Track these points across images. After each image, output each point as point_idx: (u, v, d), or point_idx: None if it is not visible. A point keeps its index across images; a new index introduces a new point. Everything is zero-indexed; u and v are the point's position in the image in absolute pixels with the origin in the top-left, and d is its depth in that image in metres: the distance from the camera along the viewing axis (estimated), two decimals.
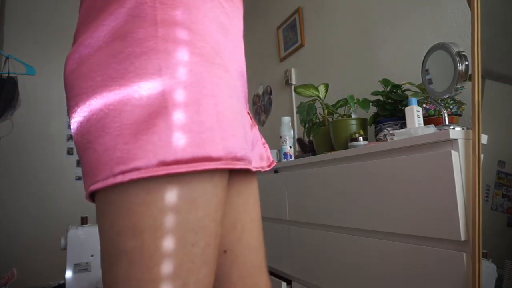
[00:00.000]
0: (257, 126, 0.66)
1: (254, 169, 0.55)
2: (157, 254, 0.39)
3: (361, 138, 1.42)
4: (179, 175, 0.39)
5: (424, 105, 1.31)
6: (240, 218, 0.60)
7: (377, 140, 1.41)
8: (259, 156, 0.61)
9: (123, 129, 0.38)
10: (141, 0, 0.43)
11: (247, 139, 0.50)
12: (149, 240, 0.39)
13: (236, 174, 0.59)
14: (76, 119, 0.42)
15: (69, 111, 0.44)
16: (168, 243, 0.39)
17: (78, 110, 0.42)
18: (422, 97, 1.34)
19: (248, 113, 0.62)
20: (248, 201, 0.61)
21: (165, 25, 0.42)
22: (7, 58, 1.77)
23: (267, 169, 0.63)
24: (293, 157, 1.80)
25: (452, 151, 0.95)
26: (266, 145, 0.68)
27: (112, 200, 0.40)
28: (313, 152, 1.84)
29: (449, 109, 1.25)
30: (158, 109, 0.39)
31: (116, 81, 0.40)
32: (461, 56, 1.05)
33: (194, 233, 0.41)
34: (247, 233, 0.60)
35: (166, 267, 0.39)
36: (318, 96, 1.75)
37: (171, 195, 0.39)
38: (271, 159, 0.67)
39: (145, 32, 0.41)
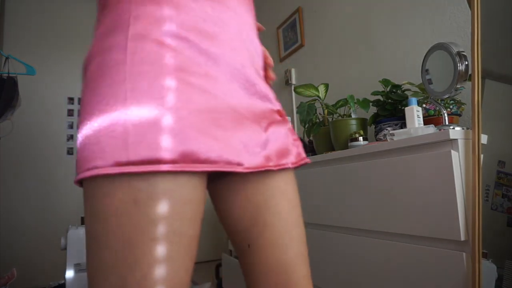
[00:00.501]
0: (286, 122, 0.65)
1: (246, 170, 0.53)
2: (120, 240, 0.43)
3: (361, 138, 1.42)
4: (136, 174, 0.44)
5: (424, 105, 1.31)
6: (262, 214, 0.60)
7: (377, 140, 1.41)
8: (278, 153, 0.61)
9: (93, 137, 0.46)
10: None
11: (235, 141, 0.52)
12: (113, 226, 0.44)
13: (252, 174, 0.60)
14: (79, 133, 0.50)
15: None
16: (128, 232, 0.43)
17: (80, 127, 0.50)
18: (422, 97, 1.34)
19: (277, 110, 0.63)
20: (272, 197, 0.61)
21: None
22: (7, 58, 1.77)
23: (290, 166, 0.63)
24: None
25: (452, 151, 0.95)
26: (298, 142, 0.67)
27: (86, 190, 0.47)
28: (313, 152, 1.84)
29: (449, 109, 1.25)
30: (118, 116, 0.45)
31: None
32: (461, 56, 1.05)
33: (154, 227, 0.44)
34: (269, 227, 0.60)
35: (127, 254, 0.43)
36: (318, 96, 1.75)
37: (130, 190, 0.44)
38: (302, 155, 0.67)
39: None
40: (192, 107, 0.47)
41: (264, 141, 0.58)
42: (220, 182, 0.63)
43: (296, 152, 0.65)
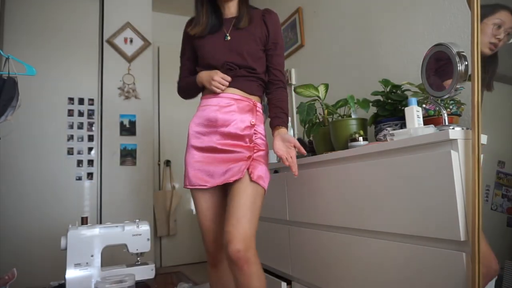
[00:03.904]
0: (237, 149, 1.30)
1: (207, 186, 1.31)
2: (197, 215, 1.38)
3: (361, 138, 1.42)
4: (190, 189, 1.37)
5: (424, 105, 1.31)
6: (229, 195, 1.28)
7: (377, 140, 1.41)
8: (232, 175, 1.27)
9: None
10: None
11: (205, 175, 1.31)
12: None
13: (229, 184, 1.28)
14: None
15: None
16: (196, 211, 1.39)
17: None
18: (422, 97, 1.34)
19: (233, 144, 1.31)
20: (232, 191, 1.27)
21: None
22: (7, 58, 1.77)
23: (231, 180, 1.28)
24: None
25: (452, 151, 0.95)
26: (237, 165, 1.28)
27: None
28: (313, 152, 1.84)
29: (448, 109, 1.25)
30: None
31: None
32: (461, 56, 1.05)
33: (195, 208, 1.38)
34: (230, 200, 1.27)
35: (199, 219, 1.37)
36: (318, 96, 1.75)
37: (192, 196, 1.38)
38: (236, 176, 1.25)
39: None
40: (188, 167, 1.35)
41: (217, 172, 1.29)
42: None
43: (231, 174, 1.27)
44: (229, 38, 1.35)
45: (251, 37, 1.34)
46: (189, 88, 1.43)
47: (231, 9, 1.40)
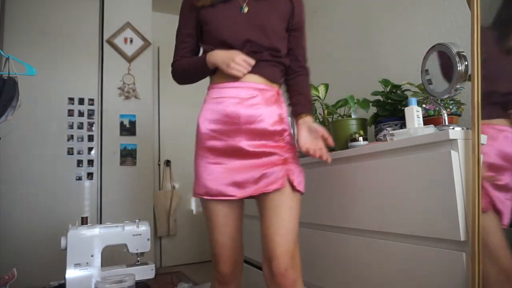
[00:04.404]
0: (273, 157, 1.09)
1: (229, 198, 1.09)
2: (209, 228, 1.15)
3: (361, 138, 1.42)
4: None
5: (424, 105, 1.31)
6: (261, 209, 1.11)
7: (377, 140, 1.41)
8: (257, 185, 1.07)
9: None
10: None
11: (231, 185, 1.07)
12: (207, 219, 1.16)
13: (264, 194, 1.08)
14: None
15: None
16: (209, 223, 1.15)
17: None
18: (422, 97, 1.34)
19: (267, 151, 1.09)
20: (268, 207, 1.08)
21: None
22: (7, 58, 1.77)
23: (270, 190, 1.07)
24: None
25: (452, 151, 0.95)
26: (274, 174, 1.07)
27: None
28: None
29: (448, 109, 1.25)
30: None
31: None
32: (461, 56, 1.05)
33: (209, 220, 1.14)
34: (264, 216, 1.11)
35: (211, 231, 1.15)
36: (318, 96, 1.75)
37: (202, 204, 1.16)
38: (275, 185, 1.05)
39: None
40: (200, 173, 1.12)
41: (241, 181, 1.07)
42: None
43: (264, 184, 1.07)
44: (246, 10, 1.10)
45: (274, 11, 1.12)
46: (193, 70, 1.16)
47: None
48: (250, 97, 1.08)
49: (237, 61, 1.03)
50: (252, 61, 1.05)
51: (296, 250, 1.05)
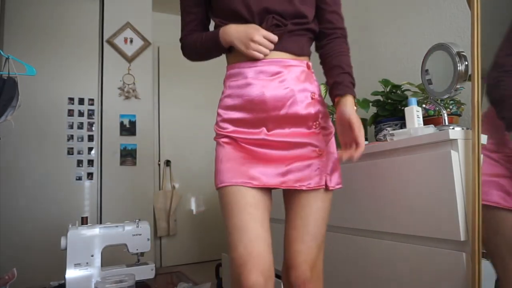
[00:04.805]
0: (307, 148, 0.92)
1: (254, 185, 0.88)
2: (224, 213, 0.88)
3: None
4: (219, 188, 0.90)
5: (424, 105, 1.31)
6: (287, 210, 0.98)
7: (377, 140, 1.41)
8: (282, 177, 0.90)
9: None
10: None
11: (252, 172, 0.88)
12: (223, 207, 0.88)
13: (290, 191, 0.95)
14: None
15: None
16: (230, 209, 0.86)
17: None
18: (422, 97, 1.34)
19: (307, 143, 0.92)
20: (296, 206, 0.95)
21: None
22: (7, 58, 1.77)
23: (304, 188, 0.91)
24: None
25: (452, 151, 0.95)
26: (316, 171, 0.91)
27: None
28: None
29: (448, 109, 1.25)
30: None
31: None
32: (461, 56, 1.05)
33: (232, 204, 0.86)
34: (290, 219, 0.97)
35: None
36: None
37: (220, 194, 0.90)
38: (308, 183, 0.90)
39: None
40: (220, 164, 0.93)
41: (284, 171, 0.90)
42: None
43: (301, 177, 0.91)
44: None
45: None
46: (205, 49, 0.97)
47: None
48: (276, 77, 0.89)
49: (257, 39, 0.86)
50: (275, 38, 0.88)
51: (319, 260, 0.94)
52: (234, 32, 0.89)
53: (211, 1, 0.97)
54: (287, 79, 0.90)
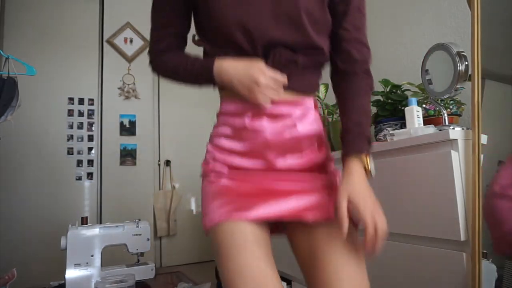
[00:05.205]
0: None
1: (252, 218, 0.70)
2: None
3: None
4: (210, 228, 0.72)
5: (424, 105, 1.31)
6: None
7: (377, 140, 1.41)
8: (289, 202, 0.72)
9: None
10: None
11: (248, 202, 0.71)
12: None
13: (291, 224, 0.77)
14: None
15: None
16: (228, 249, 0.67)
17: None
18: (422, 97, 1.34)
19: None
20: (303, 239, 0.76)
21: None
22: (7, 58, 1.77)
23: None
24: None
25: (452, 151, 0.95)
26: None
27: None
28: None
29: (449, 109, 1.25)
30: None
31: None
32: (461, 56, 1.05)
33: (229, 244, 0.67)
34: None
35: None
36: (318, 96, 1.75)
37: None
38: (320, 211, 0.72)
39: None
40: (206, 202, 0.77)
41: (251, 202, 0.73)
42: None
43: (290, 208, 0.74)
44: None
45: None
46: (192, 77, 0.76)
47: None
48: (279, 118, 0.73)
49: (264, 83, 0.67)
50: (284, 80, 0.70)
51: None
52: (232, 71, 0.70)
53: (200, 17, 0.76)
54: (292, 122, 0.74)
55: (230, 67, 0.70)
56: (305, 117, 0.76)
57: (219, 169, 0.76)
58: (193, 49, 0.83)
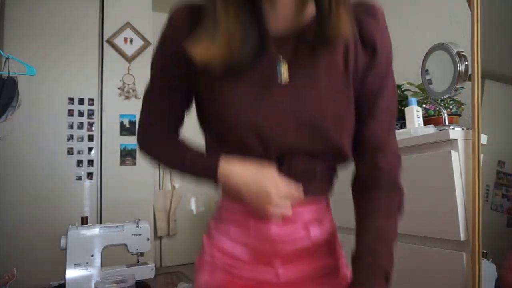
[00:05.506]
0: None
1: None
2: None
3: None
4: None
5: (424, 105, 1.31)
6: None
7: None
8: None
9: None
10: None
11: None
12: None
13: None
14: None
15: None
16: None
17: None
18: (422, 97, 1.34)
19: None
20: None
21: None
22: (7, 58, 1.77)
23: None
24: None
25: (452, 151, 0.95)
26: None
27: None
28: None
29: (448, 109, 1.25)
30: None
31: None
32: (461, 56, 1.05)
33: None
34: None
35: None
36: None
37: None
38: None
39: None
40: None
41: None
42: None
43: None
44: (285, 77, 0.57)
45: (335, 73, 0.58)
46: (191, 174, 0.66)
47: (287, 10, 0.56)
48: (289, 222, 0.63)
49: (276, 198, 0.58)
50: (300, 194, 0.60)
51: None
52: (242, 184, 0.59)
53: (203, 110, 0.65)
54: (305, 227, 0.64)
55: (238, 172, 0.59)
56: (318, 220, 0.66)
57: (217, 275, 0.65)
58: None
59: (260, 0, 0.55)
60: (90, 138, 2.94)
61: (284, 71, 0.57)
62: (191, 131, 0.76)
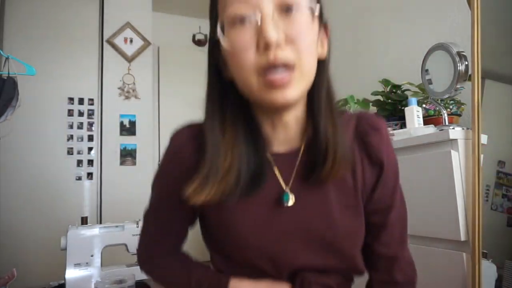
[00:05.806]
0: None
1: None
2: None
3: None
4: None
5: (424, 105, 1.31)
6: None
7: None
8: None
9: None
10: None
11: None
12: None
13: None
14: None
15: None
16: None
17: None
18: (422, 97, 1.34)
19: None
20: None
21: None
22: (7, 58, 1.77)
23: None
24: None
25: (452, 151, 0.95)
26: None
27: None
28: None
29: (448, 109, 1.25)
30: None
31: None
32: (461, 56, 1.05)
33: None
34: None
35: None
36: None
37: None
38: None
39: None
40: None
41: None
42: None
43: None
44: (291, 201, 0.55)
45: (344, 188, 0.57)
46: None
47: (288, 128, 0.56)
48: None
49: None
50: None
51: None
52: None
53: (210, 229, 0.63)
54: None
55: None
56: None
57: None
58: (194, 50, 0.83)
59: (261, 126, 0.55)
60: (90, 138, 2.94)
61: (290, 197, 0.55)
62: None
